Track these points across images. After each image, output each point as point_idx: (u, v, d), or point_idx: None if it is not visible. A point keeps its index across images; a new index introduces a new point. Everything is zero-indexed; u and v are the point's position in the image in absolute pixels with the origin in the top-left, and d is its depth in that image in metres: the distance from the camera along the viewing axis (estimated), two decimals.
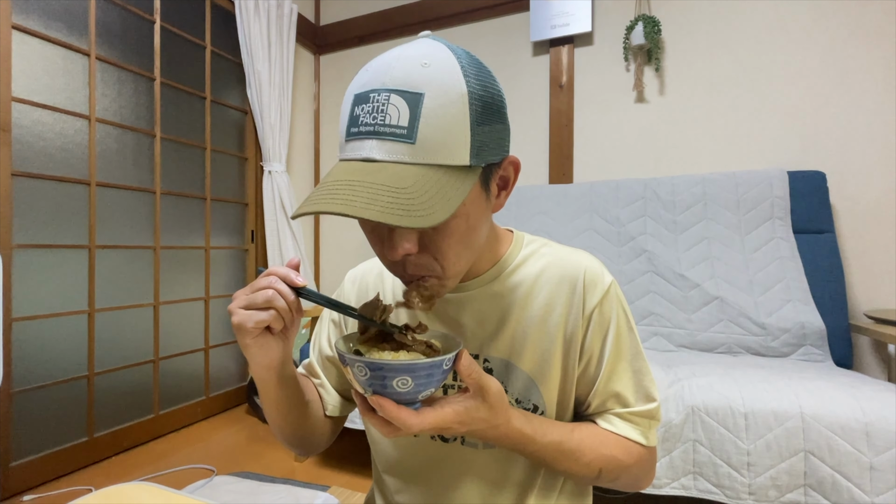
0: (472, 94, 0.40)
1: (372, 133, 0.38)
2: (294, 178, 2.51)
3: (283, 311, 0.42)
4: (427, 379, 0.39)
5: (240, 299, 0.42)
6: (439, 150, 0.38)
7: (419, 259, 0.44)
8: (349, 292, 0.64)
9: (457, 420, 0.41)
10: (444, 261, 0.44)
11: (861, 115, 1.68)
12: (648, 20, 1.88)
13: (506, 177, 0.48)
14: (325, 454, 1.69)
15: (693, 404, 1.08)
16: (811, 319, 1.46)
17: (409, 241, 0.42)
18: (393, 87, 0.38)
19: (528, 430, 0.45)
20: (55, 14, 1.55)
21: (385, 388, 0.38)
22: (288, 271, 0.43)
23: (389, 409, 0.38)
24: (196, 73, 2.07)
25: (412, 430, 0.39)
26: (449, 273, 0.45)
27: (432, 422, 0.39)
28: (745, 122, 1.84)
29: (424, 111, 0.38)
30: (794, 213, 1.63)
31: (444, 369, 0.40)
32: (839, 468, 0.95)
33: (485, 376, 0.42)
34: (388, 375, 0.38)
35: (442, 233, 0.42)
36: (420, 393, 0.39)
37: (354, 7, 2.61)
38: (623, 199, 1.82)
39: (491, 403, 0.42)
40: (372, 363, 0.38)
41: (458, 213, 0.42)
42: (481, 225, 0.47)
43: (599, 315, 0.52)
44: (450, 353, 0.40)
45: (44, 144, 1.52)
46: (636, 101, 2.01)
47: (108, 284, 1.70)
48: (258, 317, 0.41)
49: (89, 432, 1.63)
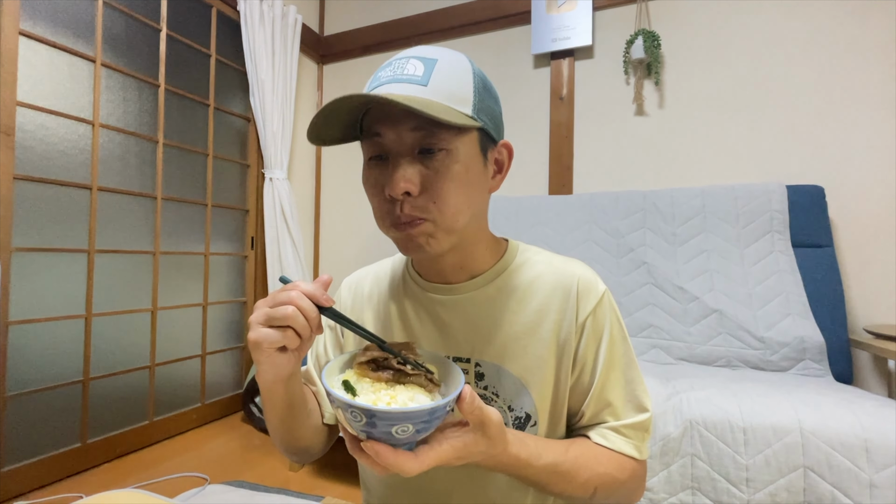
0: (475, 73, 0.48)
1: (391, 80, 0.46)
2: (295, 186, 2.52)
3: (302, 329, 0.40)
4: (427, 424, 0.36)
5: (259, 312, 0.41)
6: (448, 95, 0.45)
7: (417, 201, 0.46)
8: (346, 300, 0.64)
9: (455, 456, 0.39)
10: (441, 204, 0.46)
11: (859, 130, 1.69)
12: (648, 35, 1.90)
13: (500, 160, 0.53)
14: (319, 464, 1.67)
15: (691, 418, 1.07)
16: (810, 334, 1.45)
17: (411, 178, 0.45)
18: (413, 55, 0.47)
19: (523, 455, 0.44)
20: (63, 21, 1.57)
21: (380, 435, 0.35)
22: (316, 289, 0.41)
23: (386, 457, 0.35)
24: (200, 80, 2.09)
25: (411, 474, 0.37)
26: (443, 221, 0.47)
27: (431, 463, 0.37)
28: (744, 136, 1.85)
29: (437, 69, 0.46)
30: (792, 226, 1.63)
31: (447, 411, 0.37)
32: (839, 485, 0.94)
33: (486, 410, 0.40)
34: (386, 424, 0.34)
35: (443, 175, 0.46)
36: (419, 436, 0.37)
37: (358, 18, 2.64)
38: (623, 211, 1.83)
39: (490, 436, 0.40)
40: (369, 410, 0.34)
41: (459, 159, 0.46)
42: (478, 187, 0.50)
43: (593, 323, 0.52)
44: (451, 395, 0.37)
45: (46, 149, 1.53)
46: (636, 114, 2.02)
47: (107, 289, 1.70)
48: (274, 337, 0.40)
49: (82, 438, 1.62)
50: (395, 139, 0.46)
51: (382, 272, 0.63)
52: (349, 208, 2.68)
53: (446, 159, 0.46)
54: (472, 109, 0.46)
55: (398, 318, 0.58)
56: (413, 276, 0.59)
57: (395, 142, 0.46)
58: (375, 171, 0.48)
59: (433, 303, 0.55)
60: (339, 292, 0.66)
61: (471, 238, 0.52)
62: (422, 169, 0.46)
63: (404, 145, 0.46)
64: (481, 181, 0.50)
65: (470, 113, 0.46)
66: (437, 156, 0.45)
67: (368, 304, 0.61)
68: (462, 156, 0.46)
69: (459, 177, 0.46)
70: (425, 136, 0.45)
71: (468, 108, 0.46)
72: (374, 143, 0.47)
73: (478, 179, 0.49)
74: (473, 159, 0.48)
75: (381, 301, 0.60)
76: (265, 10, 2.20)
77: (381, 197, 0.47)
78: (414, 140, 0.46)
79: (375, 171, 0.48)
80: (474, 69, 0.48)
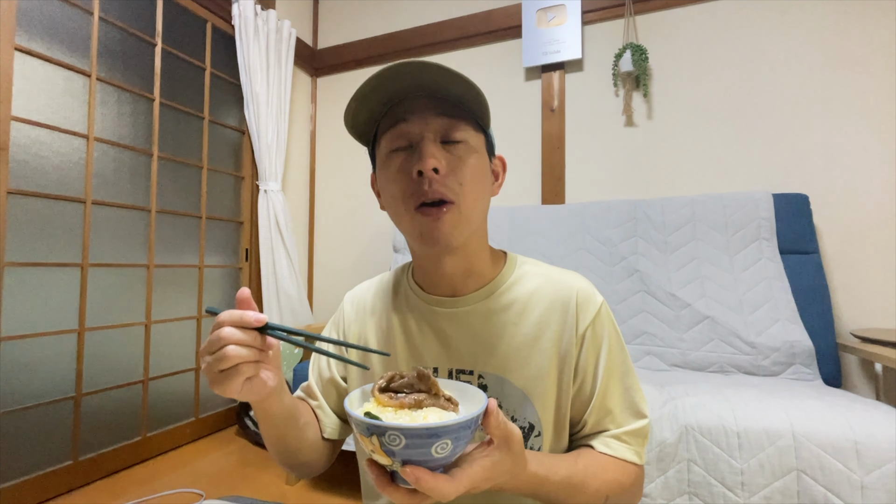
0: None
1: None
2: (289, 198, 2.52)
3: (248, 360, 0.40)
4: (463, 440, 0.35)
5: (205, 364, 0.41)
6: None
7: (446, 180, 0.48)
8: (349, 313, 0.64)
9: (485, 477, 0.38)
10: (466, 186, 0.49)
11: (841, 140, 1.75)
12: (636, 48, 1.95)
13: (496, 171, 0.58)
14: (316, 478, 1.66)
15: (687, 423, 1.09)
16: (800, 338, 1.48)
17: (440, 156, 0.48)
18: None
19: (542, 473, 0.44)
20: (58, 36, 1.58)
21: (420, 457, 0.34)
22: (242, 314, 0.40)
23: (427, 481, 0.34)
24: (195, 93, 2.10)
25: (448, 499, 0.35)
26: (465, 206, 0.50)
27: (467, 484, 0.36)
28: (731, 146, 1.90)
29: None
30: (779, 234, 1.67)
31: (479, 425, 0.37)
32: (831, 487, 0.96)
33: (510, 425, 0.40)
34: (426, 442, 0.33)
35: (465, 162, 0.50)
36: (454, 455, 0.36)
37: (351, 32, 2.68)
38: (614, 220, 1.86)
39: (515, 452, 0.40)
40: (408, 430, 0.33)
41: (476, 152, 0.51)
42: (488, 186, 0.54)
43: (592, 334, 0.53)
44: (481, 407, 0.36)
45: (41, 163, 1.53)
46: (625, 125, 2.07)
47: (100, 303, 1.69)
48: (232, 379, 0.39)
49: (74, 455, 1.59)
50: (420, 124, 0.49)
51: (384, 285, 0.64)
52: (344, 220, 2.69)
53: (467, 149, 0.50)
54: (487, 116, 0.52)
55: (401, 332, 0.58)
56: (415, 289, 0.59)
57: (420, 126, 0.49)
58: (399, 158, 0.50)
59: (435, 315, 0.56)
60: (341, 306, 0.66)
61: (476, 243, 0.54)
62: (447, 154, 0.49)
63: (430, 130, 0.49)
64: (489, 181, 0.54)
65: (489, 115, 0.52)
66: (459, 146, 0.50)
67: (371, 317, 0.62)
68: (476, 151, 0.51)
69: (478, 169, 0.51)
70: (449, 126, 0.49)
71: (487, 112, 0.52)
72: (399, 131, 0.50)
73: (487, 178, 0.54)
74: (484, 158, 0.53)
75: (383, 314, 0.61)
76: (259, 25, 2.22)
77: (408, 179, 0.49)
78: (438, 126, 0.49)
79: (399, 159, 0.50)
80: None
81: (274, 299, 2.29)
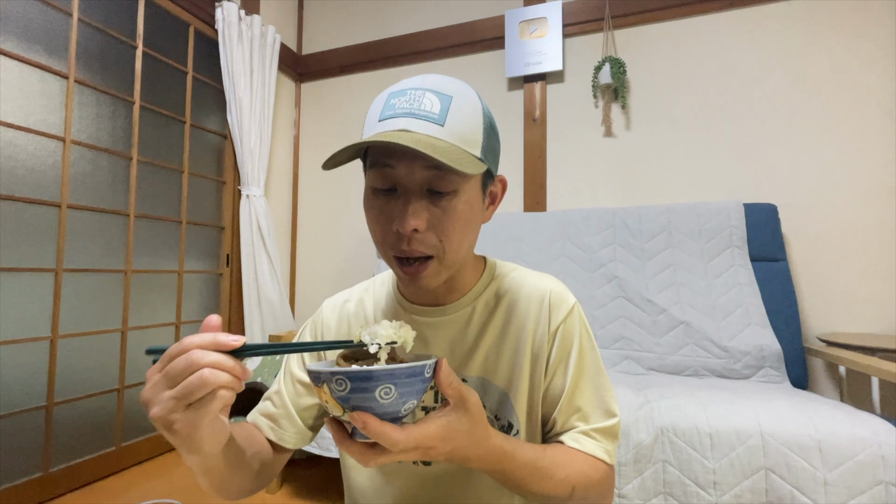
0: (484, 113, 0.49)
1: (408, 113, 0.45)
2: (272, 203, 2.51)
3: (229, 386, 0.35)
4: (409, 388, 0.37)
5: (162, 399, 0.34)
6: (462, 138, 0.46)
7: (424, 237, 0.47)
8: (328, 319, 0.64)
9: (440, 436, 0.40)
10: (447, 241, 0.48)
11: (807, 153, 1.83)
12: (615, 61, 2.01)
13: (494, 192, 0.55)
14: (297, 485, 1.64)
15: (662, 425, 1.12)
16: (769, 343, 1.55)
17: (420, 216, 0.46)
18: (428, 87, 0.47)
19: (507, 448, 0.46)
20: (35, 37, 1.55)
21: (366, 402, 0.36)
22: (215, 335, 0.36)
23: (373, 425, 0.36)
24: (176, 97, 2.08)
25: (397, 447, 0.37)
26: (447, 257, 0.49)
27: (417, 437, 0.38)
28: (704, 157, 1.97)
29: (452, 108, 0.46)
30: (750, 242, 1.74)
31: (426, 377, 0.39)
32: (797, 484, 1.00)
33: (464, 387, 0.42)
34: (369, 386, 0.36)
35: (450, 215, 0.47)
36: (403, 405, 0.38)
37: (336, 38, 2.69)
38: (594, 227, 1.91)
39: (472, 414, 0.42)
40: (351, 373, 0.35)
41: (465, 199, 0.48)
42: (477, 223, 0.52)
43: (564, 332, 0.55)
44: (430, 360, 0.39)
45: (14, 165, 1.49)
46: (605, 135, 2.13)
47: (74, 309, 1.65)
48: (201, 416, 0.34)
49: (44, 467, 1.54)
50: (406, 174, 0.46)
51: (366, 295, 0.65)
52: (326, 226, 2.68)
53: (453, 199, 0.47)
54: (480, 151, 0.47)
55: None
56: (399, 299, 0.61)
57: (406, 177, 0.47)
58: (381, 200, 0.49)
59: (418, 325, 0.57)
60: (320, 312, 0.66)
61: (460, 263, 0.55)
62: (430, 207, 0.47)
63: (415, 181, 0.47)
64: (479, 216, 0.53)
65: (479, 155, 0.47)
66: (445, 197, 0.47)
67: (355, 322, 0.63)
68: (467, 196, 0.49)
69: (464, 215, 0.48)
70: (436, 178, 0.46)
71: (477, 150, 0.47)
72: (384, 173, 0.48)
73: (478, 216, 0.52)
74: (476, 198, 0.50)
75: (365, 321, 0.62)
76: (244, 30, 2.22)
77: (388, 228, 0.48)
78: (424, 178, 0.46)
79: (381, 201, 0.49)
80: (483, 108, 0.49)
81: (255, 305, 2.26)
